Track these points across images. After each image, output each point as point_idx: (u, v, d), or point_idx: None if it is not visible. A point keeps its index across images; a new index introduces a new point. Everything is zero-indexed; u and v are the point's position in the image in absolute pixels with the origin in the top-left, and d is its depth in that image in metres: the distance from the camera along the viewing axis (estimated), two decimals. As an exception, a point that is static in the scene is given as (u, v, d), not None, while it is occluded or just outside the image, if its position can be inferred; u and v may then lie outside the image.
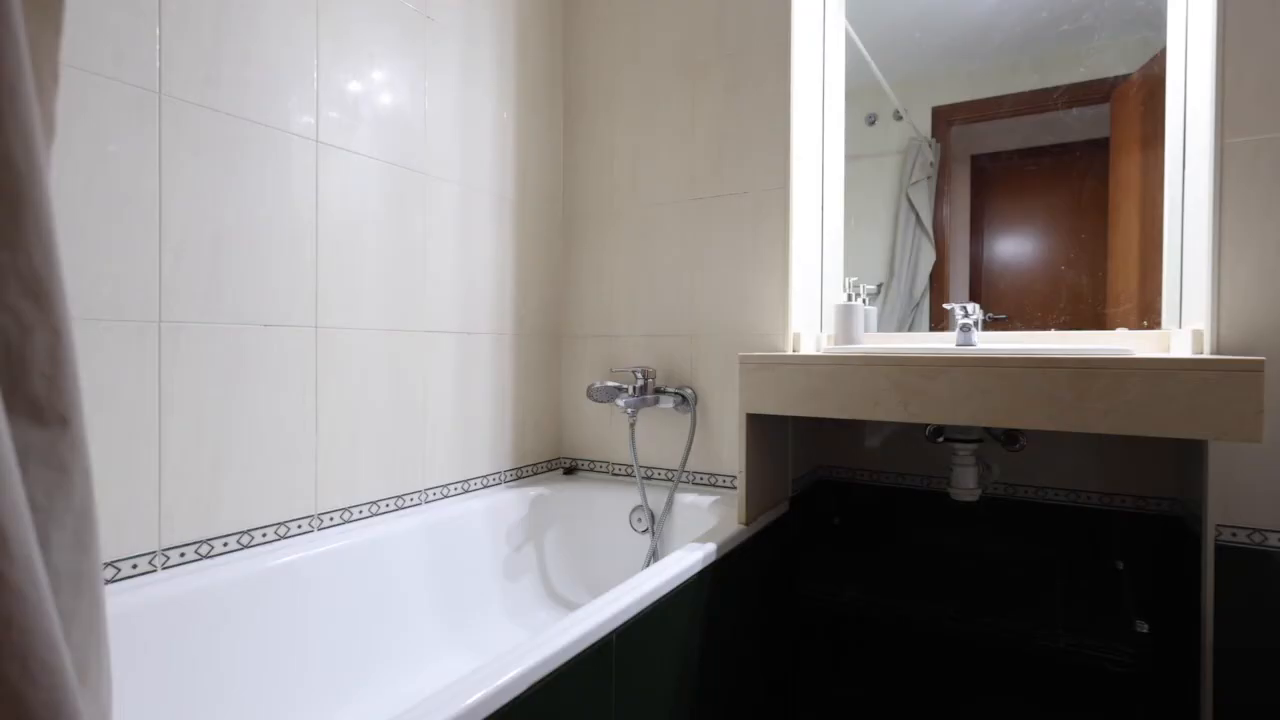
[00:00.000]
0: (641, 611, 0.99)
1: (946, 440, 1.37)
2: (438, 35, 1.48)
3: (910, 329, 1.72)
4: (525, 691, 0.77)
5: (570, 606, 1.59)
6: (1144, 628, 1.18)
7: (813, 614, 1.62)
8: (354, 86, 1.29)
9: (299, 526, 1.20)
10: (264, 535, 1.14)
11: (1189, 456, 1.26)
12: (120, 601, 0.93)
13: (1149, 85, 1.43)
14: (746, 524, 1.33)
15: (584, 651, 0.87)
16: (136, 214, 0.98)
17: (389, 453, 1.37)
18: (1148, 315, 1.42)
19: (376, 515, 1.34)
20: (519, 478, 1.73)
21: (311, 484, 1.22)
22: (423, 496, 1.45)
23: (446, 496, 1.50)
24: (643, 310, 1.75)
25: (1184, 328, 1.31)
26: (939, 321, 1.66)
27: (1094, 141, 1.52)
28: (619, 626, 0.94)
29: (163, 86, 1.01)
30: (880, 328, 1.74)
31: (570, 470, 1.86)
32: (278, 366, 1.17)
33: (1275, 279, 1.16)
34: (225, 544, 1.09)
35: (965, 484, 1.35)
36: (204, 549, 1.07)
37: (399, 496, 1.39)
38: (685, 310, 1.69)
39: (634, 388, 1.62)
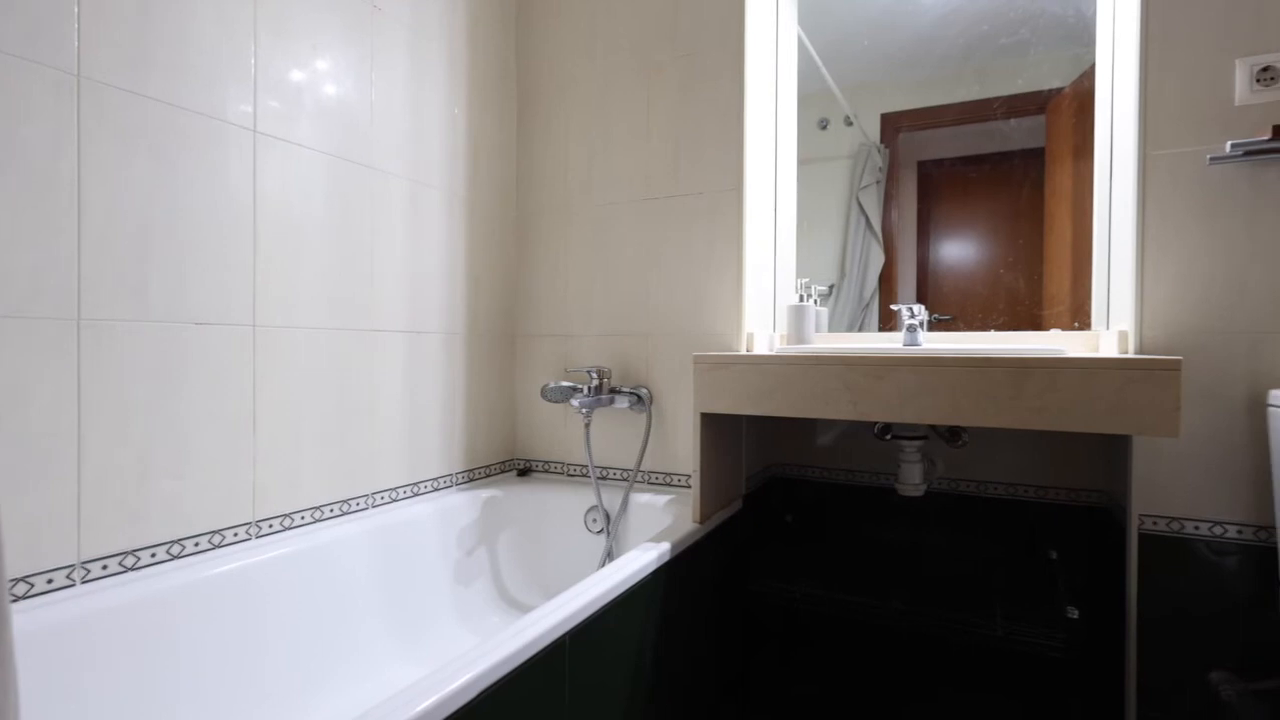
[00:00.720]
0: (595, 613, 0.98)
1: (894, 438, 1.40)
2: (384, 26, 1.43)
3: (861, 329, 1.76)
4: (476, 697, 0.75)
5: (524, 610, 1.57)
6: (1074, 614, 1.24)
7: (766, 610, 1.64)
8: (296, 76, 1.24)
9: (235, 534, 1.14)
10: (197, 545, 1.09)
11: (1115, 451, 1.33)
12: (32, 620, 0.87)
13: (1080, 99, 1.50)
14: (701, 523, 1.34)
15: (537, 655, 0.86)
16: (53, 203, 0.92)
17: (334, 456, 1.32)
18: (1079, 317, 1.49)
19: (321, 521, 1.29)
20: (471, 480, 1.70)
21: (249, 489, 1.17)
22: (370, 501, 1.40)
23: (395, 500, 1.46)
24: (598, 310, 1.74)
25: (1111, 329, 1.38)
26: (887, 322, 1.71)
27: (1031, 151, 1.59)
28: (573, 629, 0.93)
29: (81, 69, 0.95)
30: (832, 328, 1.77)
31: (524, 471, 1.83)
32: (213, 367, 1.11)
33: (1192, 284, 1.23)
34: (154, 555, 1.04)
35: (911, 480, 1.39)
36: (130, 560, 1.01)
37: (344, 501, 1.35)
38: (641, 310, 1.69)
39: (589, 388, 1.61)
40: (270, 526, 1.20)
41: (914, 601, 1.51)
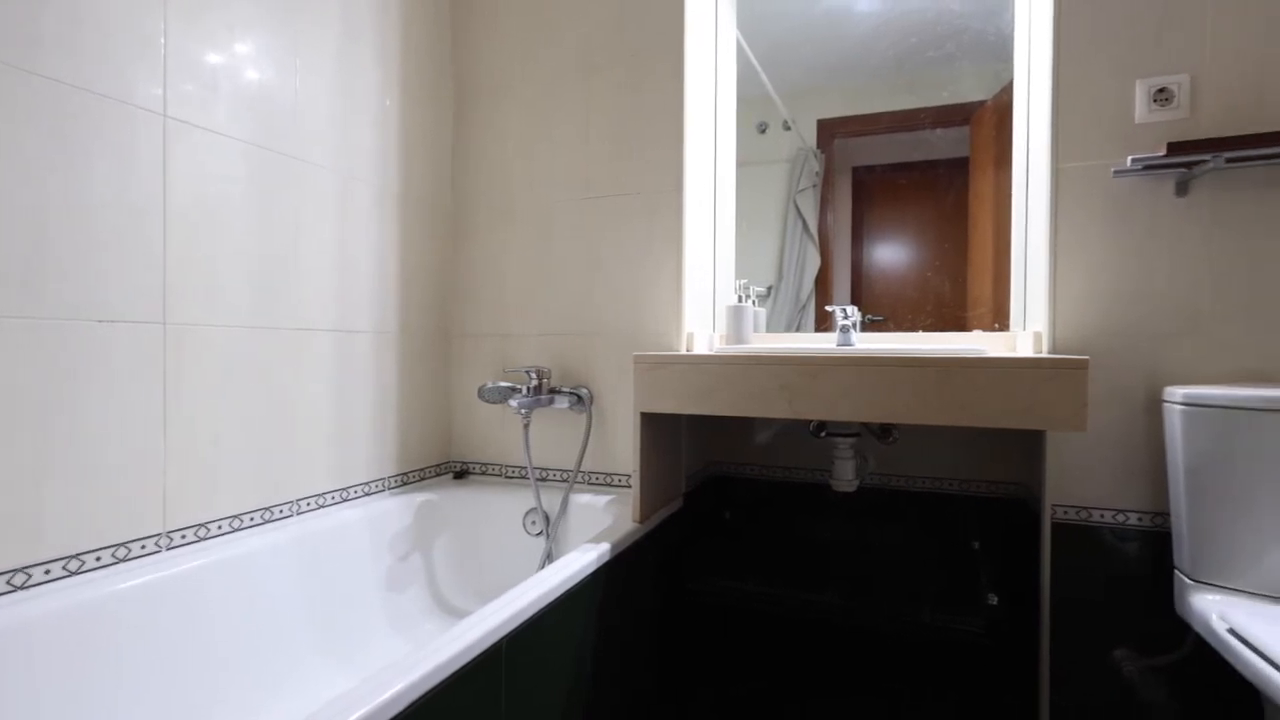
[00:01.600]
0: (533, 616, 0.97)
1: (828, 435, 1.44)
2: (309, 12, 1.37)
3: (798, 329, 1.80)
4: (409, 707, 0.72)
5: (461, 616, 1.53)
6: (994, 600, 1.30)
7: (705, 608, 1.66)
8: (212, 59, 1.17)
9: (143, 547, 1.07)
10: (98, 559, 1.01)
11: (1031, 445, 1.40)
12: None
13: (1000, 112, 1.58)
14: (641, 522, 1.34)
15: (472, 661, 0.84)
16: (-72, 188, 0.84)
17: (255, 461, 1.26)
18: (999, 318, 1.57)
19: (240, 530, 1.22)
20: (404, 484, 1.64)
21: (159, 498, 1.09)
22: (295, 508, 1.34)
23: (323, 506, 1.40)
24: (538, 309, 1.72)
25: (1027, 330, 1.46)
26: (823, 323, 1.75)
27: (957, 160, 1.67)
28: (510, 633, 0.91)
29: (-37, 40, 0.86)
30: (770, 328, 1.81)
31: (461, 474, 1.79)
32: (117, 367, 1.03)
33: (1099, 288, 1.32)
34: (48, 571, 0.95)
35: (845, 476, 1.43)
36: (19, 578, 0.93)
37: (266, 509, 1.28)
38: (581, 310, 1.67)
39: (528, 388, 1.59)
40: (183, 537, 1.13)
41: (848, 594, 1.55)
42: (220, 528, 1.19)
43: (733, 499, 1.70)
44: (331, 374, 1.43)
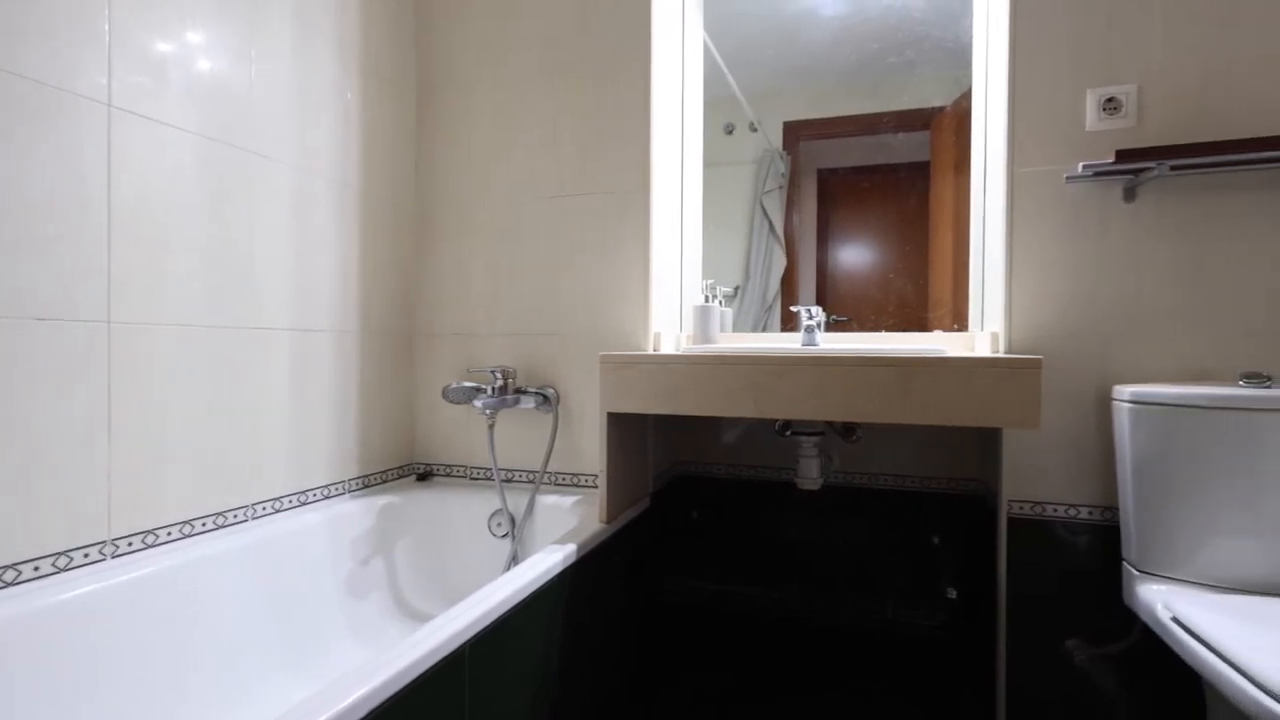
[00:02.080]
0: (498, 619, 0.96)
1: (793, 434, 1.46)
2: (265, 0, 1.33)
3: (765, 329, 1.82)
4: (369, 715, 0.71)
5: (425, 620, 1.50)
6: (953, 594, 1.33)
7: (673, 607, 1.66)
8: (162, 47, 1.13)
9: (86, 555, 1.02)
10: (36, 569, 0.96)
11: (988, 442, 1.44)
12: None
13: (959, 117, 1.62)
14: (607, 522, 1.33)
15: (435, 666, 0.82)
16: None
17: (208, 465, 1.21)
18: (958, 319, 1.61)
19: (191, 536, 1.18)
20: (366, 486, 1.61)
21: (104, 504, 1.05)
22: (250, 512, 1.30)
23: (280, 511, 1.36)
24: (503, 309, 1.70)
25: (985, 330, 1.50)
26: (788, 323, 1.77)
27: (918, 164, 1.70)
28: (474, 636, 0.90)
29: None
30: (736, 328, 1.82)
31: (424, 476, 1.76)
32: (57, 367, 0.99)
33: (1053, 289, 1.36)
34: (-18, 582, 0.91)
35: (809, 474, 1.45)
36: (-50, 590, 0.88)
37: (220, 514, 1.24)
38: (547, 309, 1.66)
39: (493, 388, 1.57)
40: (129, 545, 1.08)
41: (814, 592, 1.57)
42: (170, 534, 1.14)
43: (700, 498, 1.70)
44: (289, 374, 1.39)
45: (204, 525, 1.20)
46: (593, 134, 1.62)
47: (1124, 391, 1.23)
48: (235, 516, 1.27)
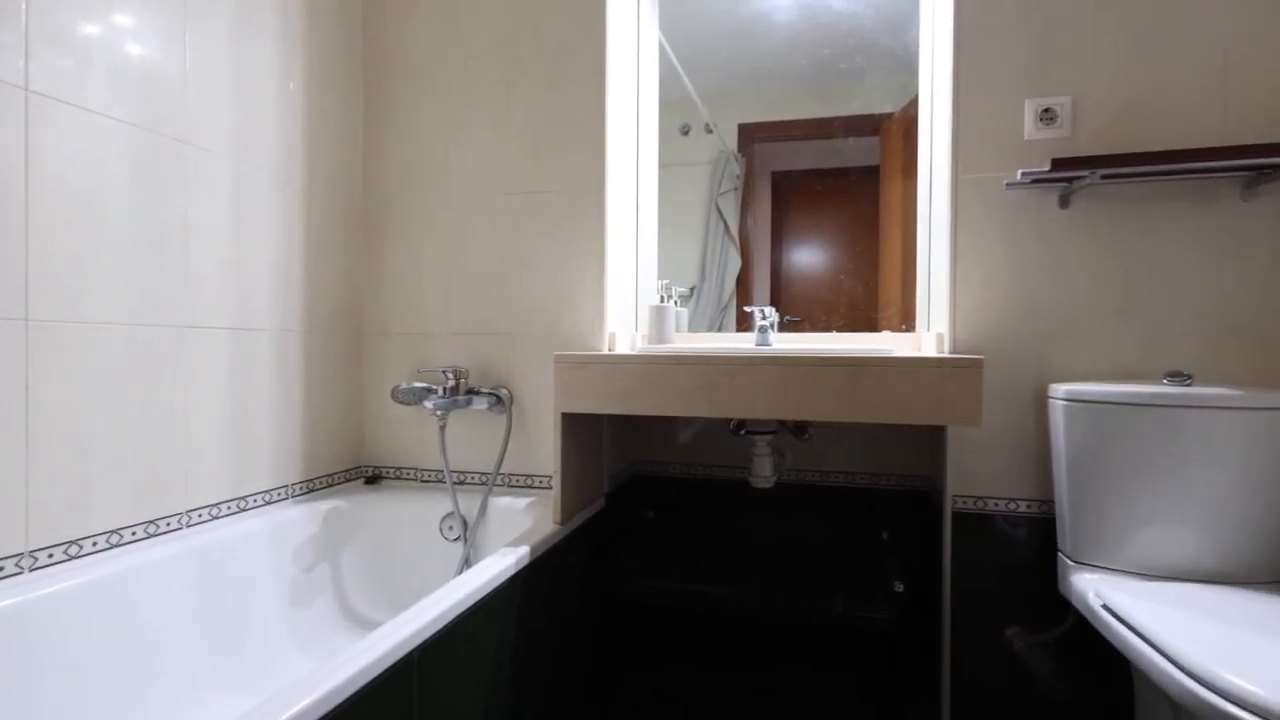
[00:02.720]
0: (449, 624, 0.94)
1: (747, 433, 1.47)
2: (204, -17, 1.27)
3: (720, 329, 1.83)
4: (309, 730, 0.68)
5: (374, 627, 1.45)
6: (900, 588, 1.36)
7: (628, 607, 1.66)
8: (86, 29, 1.06)
9: (1, 569, 0.96)
10: (-57, 584, 0.90)
11: (934, 440, 1.48)
12: None
13: (907, 123, 1.66)
14: (562, 524, 1.32)
15: (382, 674, 0.80)
16: None
17: (137, 471, 1.15)
18: (906, 320, 1.65)
19: (120, 546, 1.12)
20: (311, 490, 1.55)
21: (20, 514, 0.98)
22: (185, 520, 1.24)
23: (217, 518, 1.30)
24: (455, 307, 1.67)
25: (931, 331, 1.54)
26: (744, 323, 1.79)
27: (868, 168, 1.74)
28: (423, 642, 0.88)
29: None
30: (692, 328, 1.83)
31: (373, 479, 1.71)
32: (-33, 368, 0.92)
33: (995, 291, 1.41)
34: (-121, 601, 0.84)
35: (763, 473, 1.47)
36: None
37: (151, 522, 1.17)
38: (501, 308, 1.64)
39: (445, 388, 1.54)
40: (50, 556, 1.02)
41: (768, 589, 1.59)
42: (95, 544, 1.08)
43: (655, 498, 1.71)
44: (228, 375, 1.33)
45: (134, 535, 1.14)
46: (548, 131, 1.60)
47: (1059, 390, 1.28)
48: (168, 525, 1.20)
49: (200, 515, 1.27)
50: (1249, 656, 0.86)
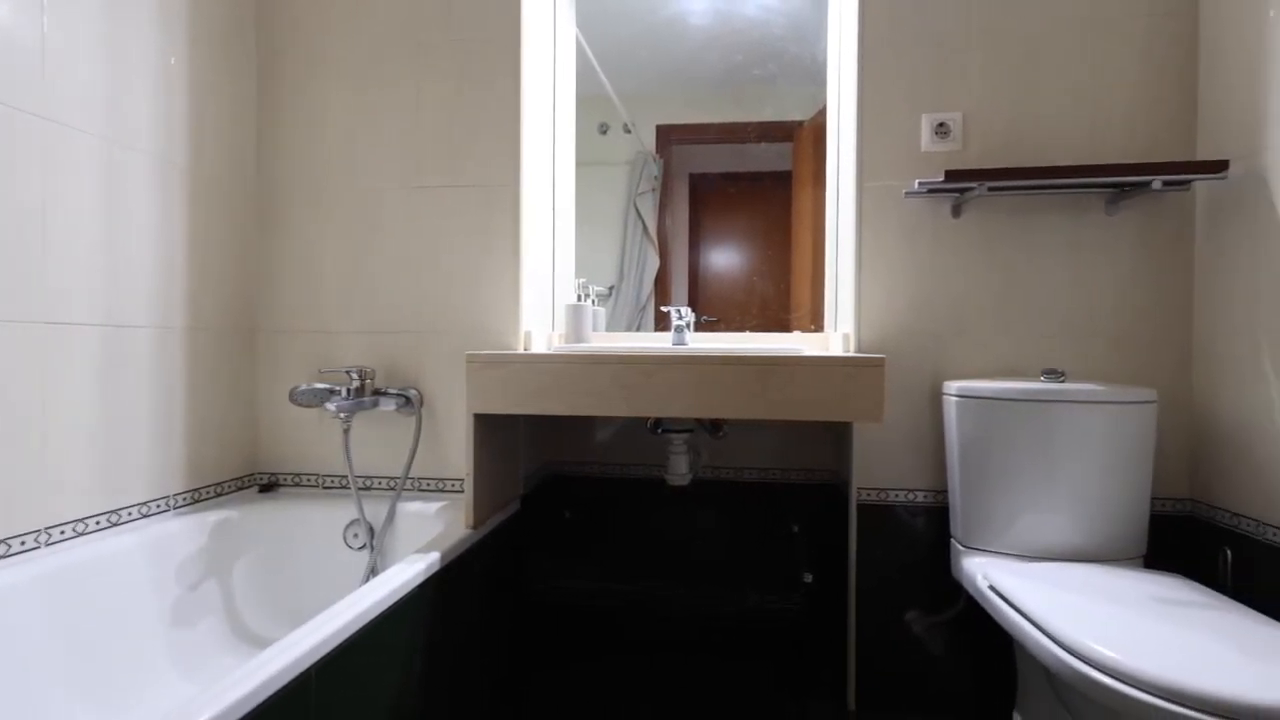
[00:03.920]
0: (350, 638, 0.89)
1: (664, 431, 1.49)
2: (67, -60, 1.14)
3: (639, 329, 1.84)
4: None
5: (268, 646, 1.36)
6: (809, 578, 1.42)
7: (546, 610, 1.64)
8: (-85, -20, 0.93)
9: None
10: None
11: (841, 435, 1.55)
12: None
13: (816, 132, 1.73)
14: (475, 528, 1.28)
15: (274, 696, 0.75)
16: None
17: (-17, 484, 1.02)
18: (816, 320, 1.72)
19: (-40, 570, 0.99)
20: (197, 501, 1.43)
21: None
22: (44, 538, 1.11)
23: (83, 534, 1.17)
24: (361, 304, 1.58)
25: (838, 331, 1.61)
26: (662, 323, 1.80)
27: (781, 173, 1.79)
28: (321, 659, 0.83)
29: None
30: (611, 328, 1.82)
31: (269, 487, 1.60)
32: None
33: (896, 294, 1.48)
34: None
35: (679, 470, 1.49)
36: None
37: (3, 541, 1.04)
38: (411, 306, 1.57)
39: (349, 389, 1.46)
40: None
41: (683, 584, 1.61)
42: (-72, 570, 0.95)
43: (572, 498, 1.69)
44: (97, 376, 1.20)
45: (-23, 557, 1.01)
46: (461, 122, 1.55)
47: (952, 386, 1.37)
48: (23, 544, 1.07)
49: (63, 532, 1.14)
50: (1109, 626, 0.95)
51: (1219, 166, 1.27)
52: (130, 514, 1.27)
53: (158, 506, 1.33)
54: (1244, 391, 1.26)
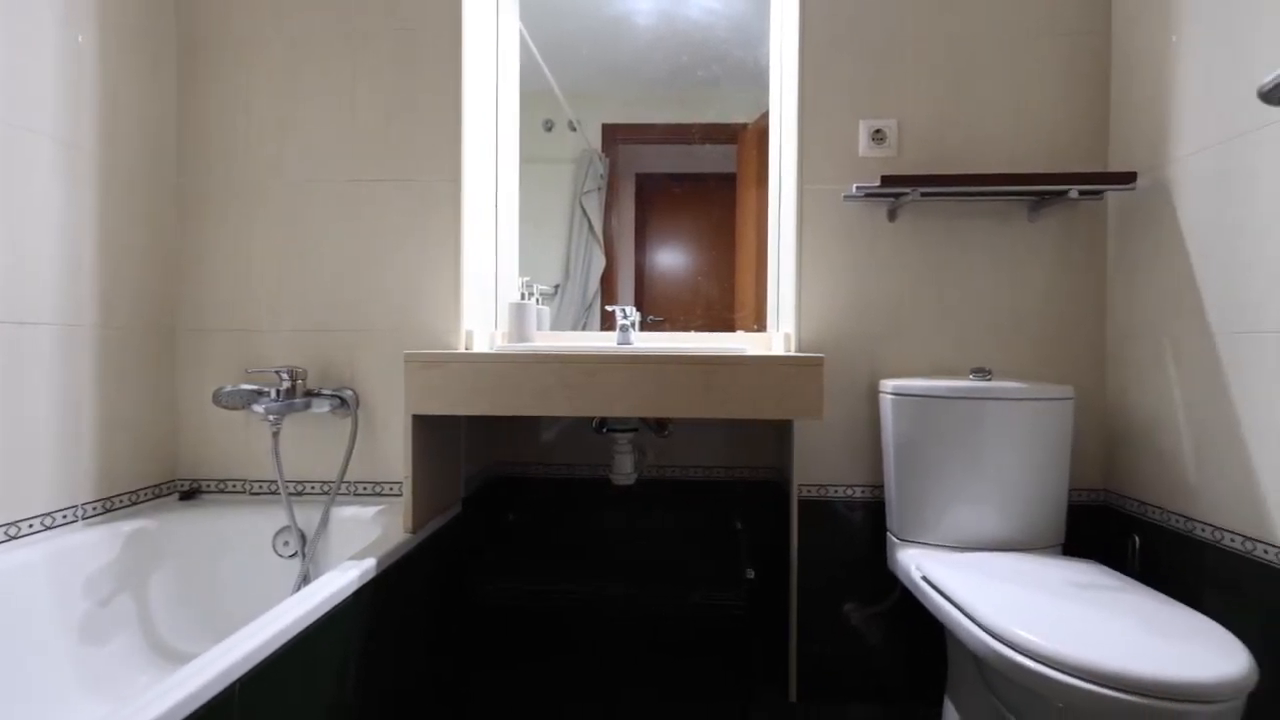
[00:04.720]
0: (278, 651, 0.84)
1: (609, 431, 1.48)
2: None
3: (585, 329, 1.82)
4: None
5: (189, 662, 1.29)
6: (751, 574, 1.44)
7: (489, 614, 1.60)
8: None
9: None
10: None
11: (783, 433, 1.58)
12: None
13: (760, 134, 1.76)
14: (414, 532, 1.24)
15: (194, 715, 0.70)
16: None
17: None
18: (759, 320, 1.75)
19: None
20: (109, 510, 1.34)
21: None
22: (-71, 554, 1.01)
23: (-24, 549, 1.08)
24: (291, 302, 1.51)
25: (780, 330, 1.64)
26: (608, 322, 1.79)
27: (726, 175, 1.81)
28: (245, 674, 0.78)
29: None
30: (556, 327, 1.80)
31: (190, 494, 1.51)
32: None
33: (835, 295, 1.52)
34: None
35: (624, 470, 1.48)
36: None
37: (-123, 559, 0.95)
38: (345, 303, 1.51)
39: (278, 390, 1.39)
40: None
41: (626, 583, 1.61)
42: None
43: (516, 500, 1.66)
44: (-9, 377, 1.11)
45: None
46: (398, 114, 1.50)
47: (888, 385, 1.42)
48: (-98, 562, 0.98)
49: (-50, 548, 1.04)
50: (1031, 611, 1.00)
51: (1128, 178, 1.35)
52: (31, 526, 1.17)
53: (64, 517, 1.24)
54: (1150, 389, 1.35)
